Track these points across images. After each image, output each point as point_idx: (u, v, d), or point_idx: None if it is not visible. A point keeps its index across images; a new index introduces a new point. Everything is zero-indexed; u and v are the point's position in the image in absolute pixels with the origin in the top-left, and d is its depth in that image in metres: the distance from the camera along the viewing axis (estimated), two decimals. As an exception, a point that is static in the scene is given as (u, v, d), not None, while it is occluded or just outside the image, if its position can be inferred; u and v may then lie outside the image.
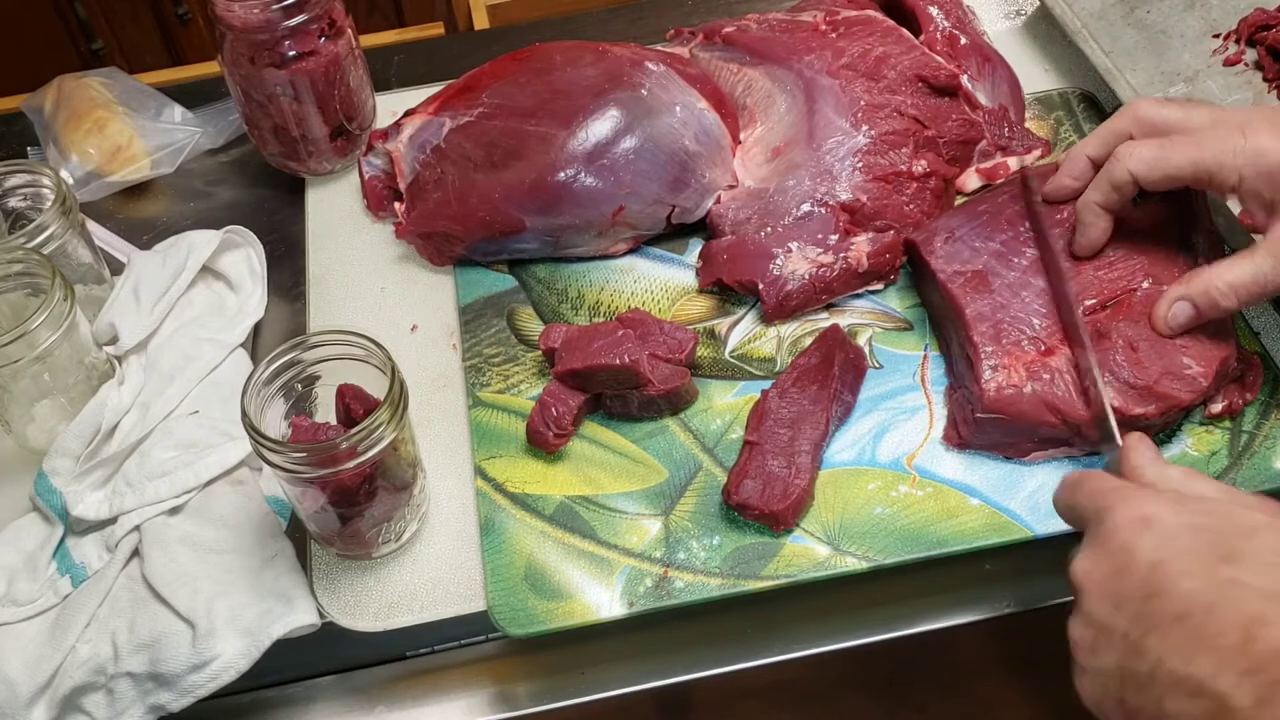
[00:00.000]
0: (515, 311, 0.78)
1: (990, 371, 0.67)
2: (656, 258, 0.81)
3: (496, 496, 0.68)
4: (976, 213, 0.74)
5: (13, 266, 0.69)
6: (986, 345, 0.68)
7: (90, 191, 0.88)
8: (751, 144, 0.82)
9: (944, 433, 0.70)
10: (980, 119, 0.82)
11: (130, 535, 0.68)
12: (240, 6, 0.78)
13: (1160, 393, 0.65)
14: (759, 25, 0.86)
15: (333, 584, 0.67)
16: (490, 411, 0.72)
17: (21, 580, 0.67)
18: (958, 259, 0.72)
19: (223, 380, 0.75)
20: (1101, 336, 0.67)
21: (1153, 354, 0.66)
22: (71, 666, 0.64)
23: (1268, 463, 0.67)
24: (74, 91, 0.91)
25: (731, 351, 0.75)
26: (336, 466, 0.59)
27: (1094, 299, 0.69)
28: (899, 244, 0.76)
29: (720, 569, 0.65)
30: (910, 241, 0.75)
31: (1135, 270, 0.69)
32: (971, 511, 0.66)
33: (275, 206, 0.89)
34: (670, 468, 0.69)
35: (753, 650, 0.66)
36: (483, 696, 0.66)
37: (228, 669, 0.62)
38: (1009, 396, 0.66)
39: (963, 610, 0.67)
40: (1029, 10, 0.98)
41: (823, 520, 0.66)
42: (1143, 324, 0.67)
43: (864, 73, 0.81)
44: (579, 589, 0.64)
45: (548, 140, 0.77)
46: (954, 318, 0.71)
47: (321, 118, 0.84)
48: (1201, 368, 0.65)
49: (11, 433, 0.73)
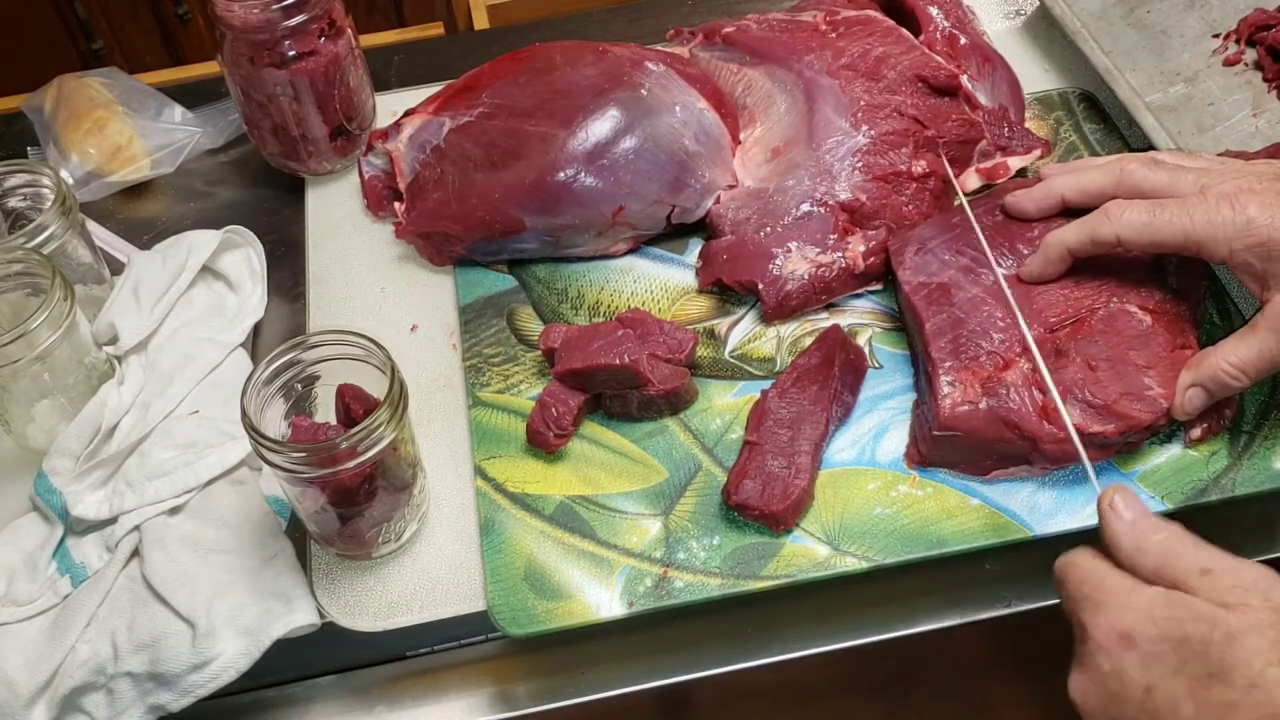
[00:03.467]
0: (515, 311, 0.78)
1: (948, 387, 0.66)
2: (656, 258, 0.81)
3: (496, 496, 0.68)
4: (949, 225, 0.74)
5: (13, 266, 0.69)
6: (945, 360, 0.67)
7: (90, 191, 0.88)
8: (751, 144, 0.82)
9: (905, 451, 0.69)
10: (980, 119, 0.82)
11: (130, 535, 0.68)
12: (240, 6, 0.78)
13: (1119, 412, 0.64)
14: (759, 25, 0.86)
15: (333, 584, 0.67)
16: (490, 411, 0.72)
17: (21, 580, 0.67)
18: (924, 270, 0.71)
19: (223, 380, 0.75)
20: (1060, 354, 0.66)
21: (1112, 374, 0.65)
22: (71, 666, 0.64)
23: (1267, 463, 0.67)
24: (74, 91, 0.91)
25: (731, 351, 0.75)
26: (336, 466, 0.59)
27: (1057, 316, 0.68)
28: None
29: (720, 569, 0.65)
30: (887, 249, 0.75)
31: (1101, 290, 0.68)
32: (971, 511, 0.66)
33: (275, 206, 0.89)
34: (670, 468, 0.69)
35: (753, 650, 0.66)
36: (483, 696, 0.66)
37: (228, 669, 0.62)
38: (964, 413, 0.65)
39: (963, 610, 0.67)
40: (1029, 10, 0.98)
41: (822, 520, 0.66)
42: (1102, 342, 0.66)
43: (864, 73, 0.81)
44: (579, 589, 0.64)
45: (548, 140, 0.77)
46: (917, 330, 0.70)
47: (321, 118, 0.84)
48: (1162, 389, 0.64)
49: (11, 433, 0.73)
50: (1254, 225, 0.61)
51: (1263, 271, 0.62)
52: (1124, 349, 0.66)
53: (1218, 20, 0.90)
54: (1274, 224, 0.61)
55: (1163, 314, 0.67)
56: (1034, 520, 0.66)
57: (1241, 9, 0.89)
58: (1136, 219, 0.64)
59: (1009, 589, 0.68)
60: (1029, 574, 0.68)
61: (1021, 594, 0.67)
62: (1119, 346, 0.66)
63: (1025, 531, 0.66)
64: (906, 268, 0.72)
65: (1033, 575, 0.68)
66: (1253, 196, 0.62)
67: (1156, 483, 0.67)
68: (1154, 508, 0.66)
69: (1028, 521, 0.66)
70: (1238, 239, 0.61)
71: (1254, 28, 0.88)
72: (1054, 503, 0.66)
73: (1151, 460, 0.68)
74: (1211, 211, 0.62)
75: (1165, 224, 0.63)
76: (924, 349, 0.69)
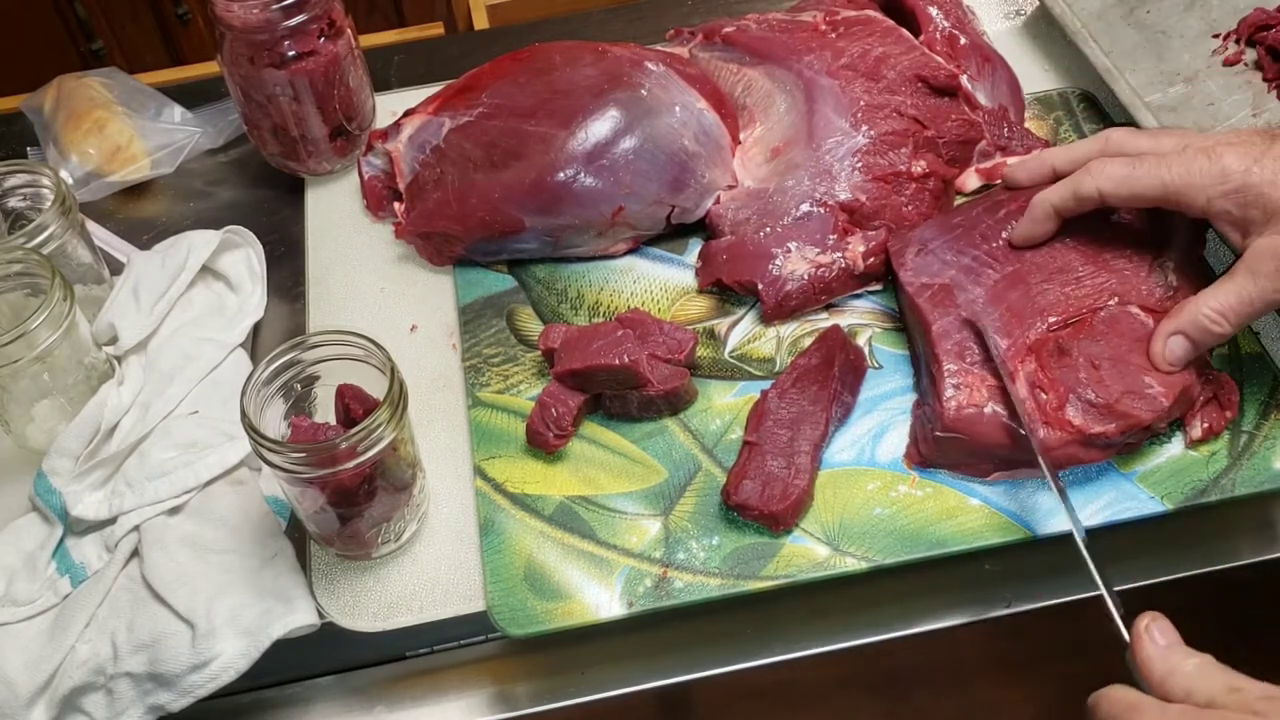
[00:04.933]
0: (515, 311, 0.78)
1: (952, 390, 0.66)
2: (656, 258, 0.81)
3: (496, 497, 0.68)
4: (950, 225, 0.74)
5: (12, 266, 0.69)
6: (950, 363, 0.67)
7: (90, 191, 0.88)
8: (751, 144, 0.82)
9: (905, 451, 0.69)
10: (980, 119, 0.82)
11: (130, 535, 0.68)
12: (240, 6, 0.78)
13: (1121, 411, 0.64)
14: (759, 25, 0.86)
15: (332, 584, 0.67)
16: (490, 412, 0.72)
17: (21, 580, 0.67)
18: (926, 272, 0.71)
19: (222, 380, 0.75)
20: (1063, 353, 0.66)
21: (1114, 372, 0.65)
22: (71, 666, 0.64)
23: (1267, 463, 0.67)
24: (74, 91, 0.91)
25: (731, 352, 0.75)
26: (336, 466, 0.59)
27: (1058, 316, 0.68)
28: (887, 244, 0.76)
29: (720, 569, 0.65)
30: (887, 250, 0.75)
31: (1102, 289, 0.69)
32: (971, 511, 0.66)
33: (275, 206, 0.89)
34: (670, 468, 0.69)
35: (753, 650, 0.66)
36: (483, 696, 0.66)
37: (227, 669, 0.62)
38: (969, 416, 0.65)
39: (963, 610, 0.67)
40: (1029, 10, 0.98)
41: (822, 520, 0.66)
42: (1104, 342, 0.66)
43: (864, 73, 0.81)
44: (578, 589, 0.64)
45: (547, 140, 0.77)
46: (921, 332, 0.70)
47: (321, 118, 0.84)
48: (1163, 388, 0.64)
49: (11, 433, 0.73)
50: (1229, 173, 0.62)
51: (1241, 218, 0.63)
52: (1126, 350, 0.66)
53: (1218, 20, 0.90)
54: (1249, 170, 0.62)
55: (1163, 314, 0.67)
56: (1034, 521, 0.66)
57: (1241, 9, 0.89)
58: (1116, 172, 0.66)
59: (1009, 589, 0.68)
60: (1029, 574, 0.68)
61: (1021, 594, 0.67)
62: (1121, 347, 0.66)
63: (1025, 532, 0.65)
64: (908, 269, 0.72)
65: (1033, 575, 0.68)
66: (1229, 148, 0.63)
67: (1156, 483, 0.67)
68: (1154, 508, 0.66)
69: (1028, 522, 0.66)
70: (1214, 187, 0.63)
71: (1254, 28, 0.88)
72: (1054, 503, 0.66)
73: (1151, 460, 0.68)
74: (1189, 162, 0.64)
75: (1144, 175, 0.65)
76: (929, 350, 0.69)
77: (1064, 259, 0.70)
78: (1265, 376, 0.71)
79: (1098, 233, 0.71)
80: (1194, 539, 0.69)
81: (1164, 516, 0.66)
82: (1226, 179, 0.62)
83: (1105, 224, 0.71)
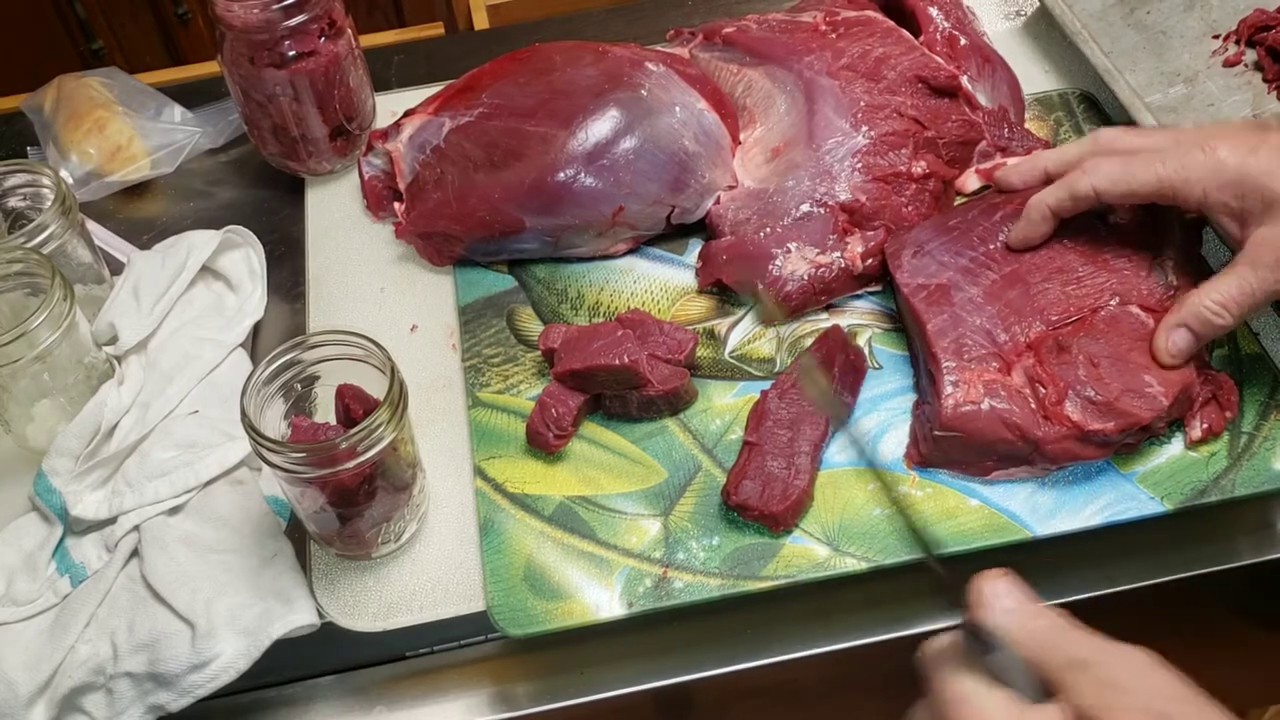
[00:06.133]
0: (515, 312, 0.78)
1: (950, 387, 0.66)
2: (656, 258, 0.81)
3: (496, 497, 0.68)
4: (947, 227, 0.74)
5: (13, 266, 0.69)
6: (948, 360, 0.67)
7: (90, 191, 0.88)
8: (751, 144, 0.82)
9: (905, 451, 0.69)
10: (980, 120, 0.82)
11: (130, 535, 0.68)
12: (240, 6, 0.78)
13: (1120, 410, 0.64)
14: (759, 25, 0.86)
15: (332, 584, 0.67)
16: (490, 412, 0.72)
17: (21, 580, 0.67)
18: (923, 272, 0.71)
19: (222, 380, 0.75)
20: (1063, 351, 0.66)
21: (1114, 371, 0.65)
22: (71, 666, 0.64)
23: (1267, 463, 0.67)
24: (74, 91, 0.91)
25: (731, 352, 0.75)
26: (336, 466, 0.59)
27: (1058, 314, 0.68)
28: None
29: (720, 569, 0.65)
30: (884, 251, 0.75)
31: (1102, 288, 0.69)
32: (971, 512, 0.66)
33: (275, 206, 0.89)
34: (670, 468, 0.69)
35: (753, 650, 0.66)
36: (483, 696, 0.66)
37: (227, 669, 0.62)
38: (967, 413, 0.65)
39: (962, 610, 0.67)
40: (1029, 11, 0.98)
41: (822, 521, 0.66)
42: (1104, 340, 0.66)
43: (864, 73, 0.81)
44: (578, 589, 0.64)
45: (548, 140, 0.77)
46: (918, 332, 0.70)
47: (321, 118, 0.84)
48: (1163, 387, 0.65)
49: (11, 433, 0.73)
50: (1225, 165, 0.62)
51: (1239, 210, 0.63)
52: (1126, 349, 0.66)
53: (1218, 21, 0.90)
54: (1244, 162, 0.62)
55: (1163, 314, 0.67)
56: (1034, 520, 0.66)
57: (1241, 9, 0.89)
58: (1111, 170, 0.66)
59: (1009, 589, 0.68)
60: (1029, 574, 0.68)
61: (1021, 594, 0.67)
62: (1121, 346, 0.66)
63: (1025, 532, 0.65)
64: (904, 270, 0.72)
65: (1032, 575, 0.68)
66: (1222, 140, 0.63)
67: (1156, 484, 0.67)
68: (1154, 508, 0.66)
69: (1028, 522, 0.66)
70: (1210, 179, 0.63)
71: (1254, 28, 0.88)
72: (1054, 503, 0.66)
73: (1151, 461, 0.68)
74: (1184, 156, 0.64)
75: (1139, 171, 0.65)
76: (926, 349, 0.69)
77: (1063, 259, 0.70)
78: (1265, 377, 0.71)
79: (1095, 233, 0.71)
80: (1194, 539, 0.69)
81: (1164, 517, 0.66)
82: (1223, 171, 0.62)
83: (1102, 224, 0.71)
